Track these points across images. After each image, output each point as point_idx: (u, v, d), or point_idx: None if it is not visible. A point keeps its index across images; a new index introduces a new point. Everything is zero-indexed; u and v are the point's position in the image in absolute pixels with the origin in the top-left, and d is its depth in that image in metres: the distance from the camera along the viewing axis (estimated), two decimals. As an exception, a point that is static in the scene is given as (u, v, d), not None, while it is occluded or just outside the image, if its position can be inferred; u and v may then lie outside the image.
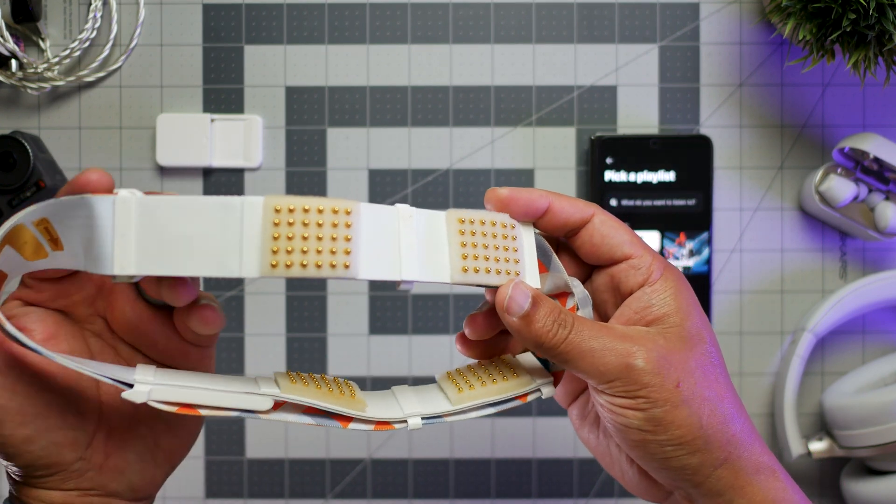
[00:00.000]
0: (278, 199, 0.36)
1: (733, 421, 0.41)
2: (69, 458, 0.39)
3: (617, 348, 0.39)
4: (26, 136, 0.62)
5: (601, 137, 0.63)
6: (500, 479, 0.65)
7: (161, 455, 0.42)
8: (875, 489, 0.59)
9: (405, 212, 0.39)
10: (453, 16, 0.65)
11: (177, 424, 0.42)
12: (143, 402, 0.37)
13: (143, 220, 0.36)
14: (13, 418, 0.37)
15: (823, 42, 0.56)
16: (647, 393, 0.39)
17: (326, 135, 0.65)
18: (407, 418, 0.41)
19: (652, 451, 0.40)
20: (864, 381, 0.62)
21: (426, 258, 0.39)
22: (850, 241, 0.65)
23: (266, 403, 0.38)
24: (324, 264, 0.36)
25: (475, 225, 0.41)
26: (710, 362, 0.41)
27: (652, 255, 0.42)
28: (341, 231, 0.36)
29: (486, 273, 0.41)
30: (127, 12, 0.64)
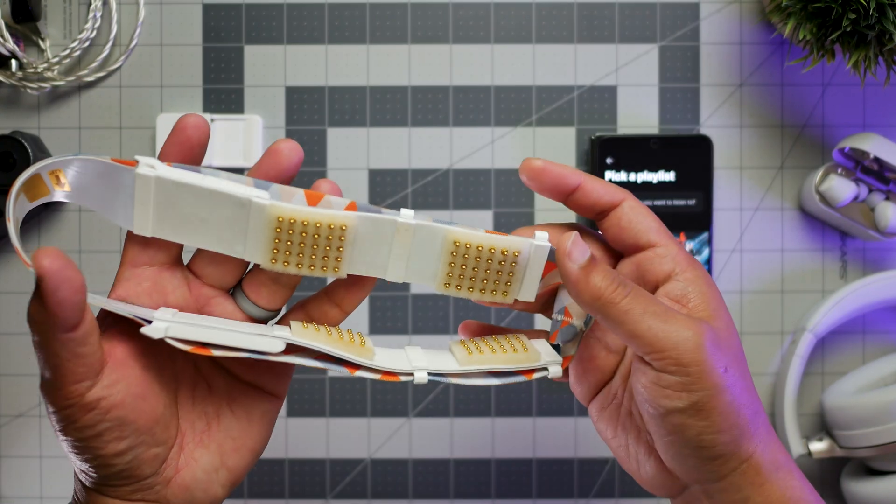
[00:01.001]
0: (281, 209, 0.39)
1: (759, 415, 0.40)
2: (146, 473, 0.40)
3: (676, 319, 0.39)
4: (26, 136, 0.62)
5: (601, 137, 0.63)
6: (500, 479, 0.65)
7: (224, 474, 0.43)
8: (875, 489, 0.59)
9: (403, 225, 0.41)
10: (453, 16, 0.65)
11: (243, 445, 0.43)
12: (160, 337, 0.38)
13: (160, 196, 0.39)
14: (114, 433, 0.38)
15: (823, 42, 0.56)
16: (698, 372, 0.38)
17: (326, 135, 0.65)
18: (413, 371, 0.42)
19: (688, 437, 0.39)
20: (864, 381, 0.62)
21: (414, 266, 0.42)
22: (850, 241, 0.65)
23: (277, 346, 0.39)
24: (316, 267, 0.41)
25: (470, 249, 0.41)
26: (742, 353, 0.41)
27: (678, 247, 0.42)
28: (335, 243, 0.40)
29: (469, 291, 0.43)
30: (127, 12, 0.64)
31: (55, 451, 0.65)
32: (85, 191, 0.40)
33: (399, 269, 0.42)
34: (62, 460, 0.65)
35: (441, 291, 0.43)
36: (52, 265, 0.35)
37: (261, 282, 0.43)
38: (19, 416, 0.65)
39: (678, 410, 0.39)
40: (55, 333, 0.36)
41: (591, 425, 0.65)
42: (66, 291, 0.35)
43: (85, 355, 0.37)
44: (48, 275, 0.35)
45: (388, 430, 0.65)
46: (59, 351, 0.36)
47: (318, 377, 0.65)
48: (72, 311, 0.36)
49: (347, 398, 0.65)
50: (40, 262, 0.34)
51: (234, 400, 0.43)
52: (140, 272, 0.41)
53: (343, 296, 0.44)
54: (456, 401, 0.65)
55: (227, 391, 0.43)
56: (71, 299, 0.36)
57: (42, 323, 0.36)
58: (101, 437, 0.38)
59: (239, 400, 0.43)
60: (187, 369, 0.43)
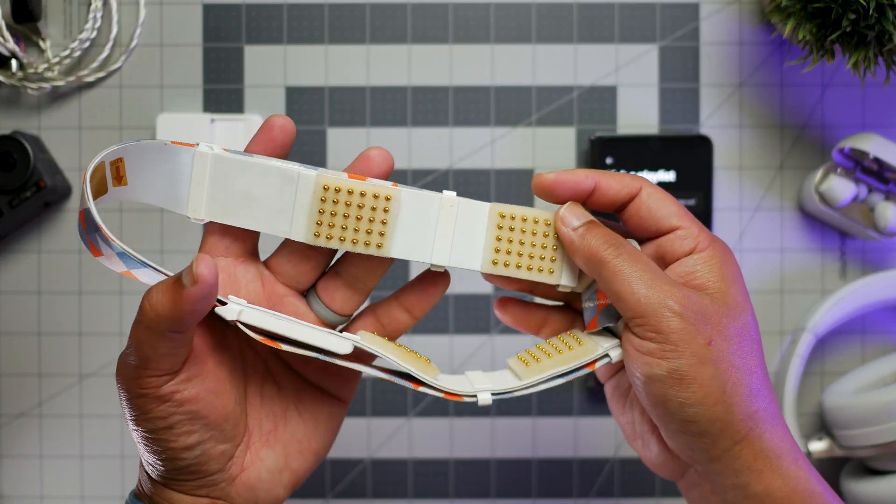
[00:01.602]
0: (328, 178, 0.40)
1: (759, 397, 0.40)
2: (213, 469, 0.40)
3: (662, 286, 0.39)
4: (26, 136, 0.62)
5: (601, 137, 0.63)
6: (500, 479, 0.65)
7: (287, 476, 0.43)
8: (875, 489, 0.59)
9: (448, 201, 0.41)
10: (453, 16, 0.65)
11: (307, 448, 0.44)
12: (233, 319, 0.38)
13: (216, 174, 0.41)
14: (185, 427, 0.39)
15: (823, 42, 0.56)
16: (676, 340, 0.39)
17: (326, 135, 0.65)
18: (477, 393, 0.42)
19: (672, 409, 0.39)
20: (864, 381, 0.62)
21: (460, 246, 0.42)
22: (850, 241, 0.65)
23: (346, 347, 0.40)
24: (359, 241, 0.41)
25: (516, 221, 0.42)
26: (749, 335, 0.41)
27: (699, 227, 0.42)
28: (379, 215, 0.41)
29: (517, 268, 0.42)
30: (127, 12, 0.64)
31: (55, 451, 0.65)
32: (142, 183, 0.41)
33: (444, 250, 0.42)
34: (62, 460, 0.65)
35: (488, 271, 0.42)
36: (209, 275, 0.36)
37: (335, 286, 0.43)
38: (19, 415, 0.65)
39: (658, 379, 0.39)
40: (167, 329, 0.37)
41: (592, 425, 0.65)
42: (206, 303, 0.37)
43: (178, 354, 0.38)
44: (201, 282, 0.36)
45: (388, 429, 0.65)
46: (159, 344, 0.37)
47: (318, 377, 0.65)
48: (197, 319, 0.37)
49: (347, 398, 0.65)
50: (199, 269, 0.36)
51: (302, 402, 0.44)
52: (216, 262, 0.41)
53: (414, 301, 0.44)
54: (456, 401, 0.65)
55: (295, 392, 0.44)
56: (204, 311, 0.37)
57: (163, 317, 0.36)
58: (171, 430, 0.38)
59: (306, 402, 0.44)
60: (258, 368, 0.43)
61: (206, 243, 0.42)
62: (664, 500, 0.65)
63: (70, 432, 0.65)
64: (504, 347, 0.65)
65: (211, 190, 0.41)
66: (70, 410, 0.64)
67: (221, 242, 0.42)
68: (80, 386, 0.65)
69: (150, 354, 0.37)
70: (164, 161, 0.41)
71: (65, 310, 0.64)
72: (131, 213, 0.64)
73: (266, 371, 0.44)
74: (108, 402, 0.64)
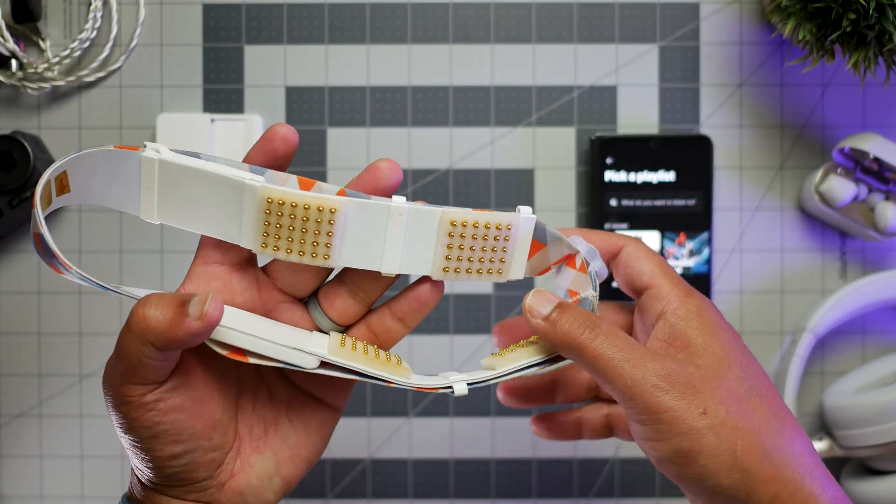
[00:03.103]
0: (271, 191, 0.39)
1: (778, 455, 0.38)
2: (201, 476, 0.40)
3: (645, 363, 0.38)
4: (26, 136, 0.62)
5: (601, 137, 0.63)
6: (500, 479, 0.65)
7: (278, 482, 0.43)
8: (875, 489, 0.59)
9: (396, 210, 0.41)
10: (453, 16, 0.65)
11: (298, 454, 0.43)
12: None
13: (164, 179, 0.40)
14: (171, 436, 0.38)
15: (823, 42, 0.56)
16: (670, 419, 0.38)
17: (326, 135, 0.65)
18: (452, 384, 0.42)
19: (691, 485, 0.38)
20: (864, 381, 0.62)
21: (411, 253, 0.41)
22: (850, 241, 0.65)
23: (311, 363, 0.40)
24: (305, 253, 0.40)
25: (467, 228, 0.41)
26: (745, 389, 0.39)
27: (673, 284, 0.42)
28: (324, 227, 0.40)
29: (468, 273, 0.42)
30: (127, 12, 0.64)
31: (55, 451, 0.65)
32: (89, 188, 0.40)
33: (394, 258, 0.41)
34: (62, 460, 0.65)
35: (439, 277, 0.42)
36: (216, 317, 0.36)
37: (337, 293, 0.43)
38: (19, 415, 0.65)
39: (667, 459, 0.38)
40: (155, 346, 0.36)
41: (591, 425, 0.65)
42: (201, 339, 0.36)
43: (163, 367, 0.37)
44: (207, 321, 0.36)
45: (387, 429, 0.65)
46: (147, 357, 0.36)
47: (318, 377, 0.65)
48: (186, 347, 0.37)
49: (347, 398, 0.65)
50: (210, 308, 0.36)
51: (293, 409, 0.43)
52: (211, 270, 0.41)
53: (406, 311, 0.43)
54: (456, 401, 0.65)
55: (287, 399, 0.44)
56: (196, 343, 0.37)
57: (156, 334, 0.36)
58: (157, 439, 0.38)
59: (298, 409, 0.44)
60: (250, 375, 0.43)
61: (200, 252, 0.42)
62: (664, 500, 0.65)
63: (70, 432, 0.64)
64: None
65: (161, 195, 0.40)
66: (70, 410, 0.64)
67: (217, 252, 0.41)
68: (80, 386, 0.65)
69: (135, 363, 0.37)
70: (111, 166, 0.40)
71: (65, 310, 0.64)
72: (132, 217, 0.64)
73: (259, 378, 0.44)
74: (108, 402, 0.65)
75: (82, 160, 0.39)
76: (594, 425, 0.47)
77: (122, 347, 0.37)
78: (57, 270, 0.39)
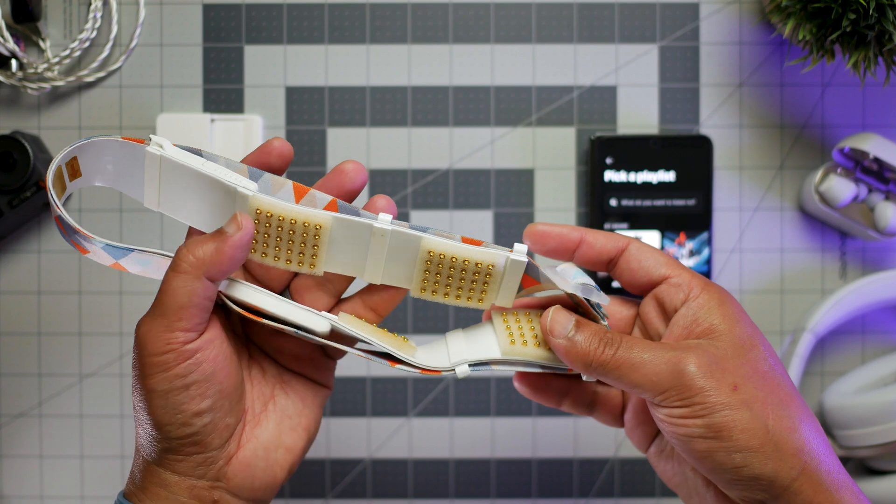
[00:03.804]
0: (261, 202, 0.41)
1: (804, 428, 0.39)
2: (215, 443, 0.41)
3: (667, 356, 0.39)
4: (26, 136, 0.62)
5: (601, 137, 0.63)
6: (500, 479, 0.65)
7: (283, 454, 0.44)
8: (875, 489, 0.59)
9: (379, 231, 0.42)
10: (453, 16, 0.65)
11: (298, 424, 0.45)
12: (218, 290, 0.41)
13: (165, 173, 0.42)
14: (201, 388, 0.40)
15: (823, 42, 0.56)
16: (703, 398, 0.38)
17: (326, 135, 0.65)
18: (454, 367, 0.43)
19: (720, 460, 0.39)
20: (864, 381, 0.62)
21: (392, 269, 0.43)
22: (850, 241, 0.65)
23: (324, 326, 0.41)
24: (293, 262, 0.42)
25: (444, 259, 0.42)
26: (769, 368, 0.40)
27: (691, 274, 0.43)
28: (310, 240, 0.41)
29: (445, 297, 0.43)
30: (127, 12, 0.64)
31: (55, 451, 0.65)
32: (100, 171, 0.42)
33: (376, 271, 0.43)
34: (62, 460, 0.65)
35: (417, 296, 0.43)
36: (250, 225, 0.40)
37: (306, 285, 0.44)
38: (19, 415, 0.65)
39: (699, 436, 0.39)
40: (209, 276, 0.39)
41: (591, 425, 0.65)
42: (244, 252, 0.40)
43: (206, 308, 0.40)
44: (245, 229, 0.39)
45: (387, 429, 0.65)
46: (194, 294, 0.39)
47: (318, 377, 0.65)
48: (234, 268, 0.40)
49: (348, 398, 0.65)
50: (242, 219, 0.39)
51: (286, 383, 0.45)
52: None
53: (378, 301, 0.45)
54: (456, 401, 0.65)
55: (279, 376, 0.45)
56: (241, 260, 0.40)
57: (208, 263, 0.39)
58: (187, 391, 0.39)
59: (290, 384, 0.46)
60: (243, 355, 0.45)
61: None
62: (664, 500, 0.65)
63: (70, 432, 0.65)
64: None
65: (162, 187, 0.42)
66: (70, 410, 0.64)
67: None
68: (80, 386, 0.65)
69: (181, 304, 0.39)
70: (118, 154, 0.42)
71: (65, 310, 0.64)
72: (131, 212, 0.64)
73: (251, 357, 0.45)
74: (108, 402, 0.64)
75: (91, 146, 0.41)
76: (578, 399, 0.47)
77: (171, 290, 0.39)
78: (83, 250, 0.41)
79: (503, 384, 0.65)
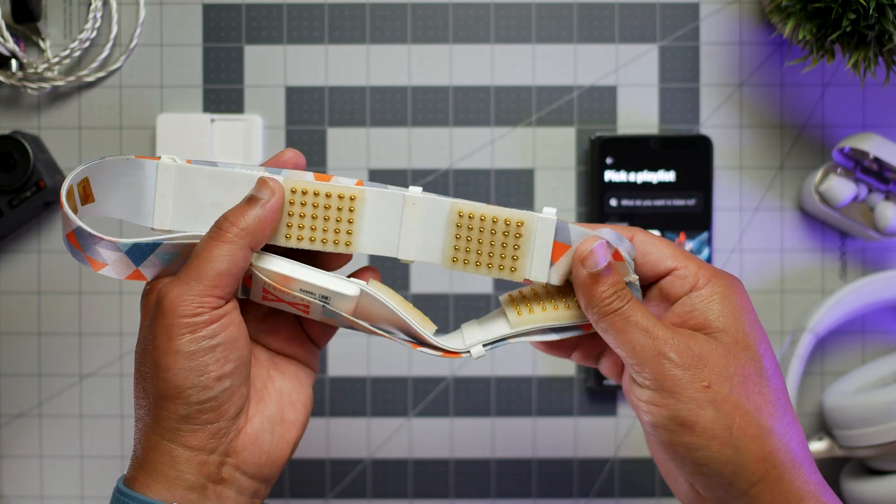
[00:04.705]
0: (295, 181, 0.42)
1: (773, 437, 0.39)
2: (231, 411, 0.41)
3: (658, 333, 0.40)
4: (26, 136, 0.62)
5: (601, 137, 0.63)
6: (500, 479, 0.65)
7: (287, 427, 0.45)
8: (875, 489, 0.59)
9: (411, 199, 0.43)
10: (453, 16, 0.65)
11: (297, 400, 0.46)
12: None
13: (181, 185, 0.42)
14: (225, 351, 0.40)
15: (823, 42, 0.56)
16: (672, 386, 0.39)
17: (326, 135, 0.65)
18: (469, 348, 0.44)
19: (681, 454, 0.39)
20: (864, 381, 0.62)
21: (425, 242, 0.43)
22: (850, 241, 0.65)
23: (353, 289, 0.42)
24: (328, 241, 0.42)
25: (474, 220, 0.42)
26: (755, 372, 0.40)
27: (698, 265, 0.42)
28: (345, 214, 0.42)
29: (477, 266, 0.43)
30: (127, 12, 0.64)
31: (55, 451, 0.65)
32: (110, 198, 0.43)
33: (410, 246, 0.43)
34: (62, 460, 0.65)
35: (449, 268, 0.43)
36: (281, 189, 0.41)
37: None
38: (19, 415, 0.65)
39: (661, 426, 0.39)
40: (247, 244, 0.40)
41: (591, 425, 0.65)
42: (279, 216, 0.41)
43: (239, 275, 0.41)
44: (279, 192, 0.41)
45: (387, 429, 0.65)
46: (235, 263, 0.40)
47: (318, 377, 0.65)
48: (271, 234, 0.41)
49: (348, 398, 0.65)
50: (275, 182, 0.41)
51: (278, 365, 0.46)
52: None
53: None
54: (456, 400, 0.65)
55: (270, 358, 0.47)
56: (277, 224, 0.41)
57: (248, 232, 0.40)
58: (213, 352, 0.40)
59: (282, 365, 0.47)
60: None
61: None
62: (664, 500, 0.65)
63: (70, 432, 0.65)
64: (504, 347, 0.65)
65: (176, 201, 0.43)
66: (70, 410, 0.64)
67: None
68: (80, 386, 0.65)
69: (221, 269, 0.40)
70: (128, 175, 0.42)
71: (65, 310, 0.64)
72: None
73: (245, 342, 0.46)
74: (108, 402, 0.64)
75: (104, 167, 0.41)
76: (588, 352, 0.47)
77: (212, 258, 0.40)
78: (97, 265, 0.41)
79: (503, 384, 0.65)
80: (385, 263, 0.64)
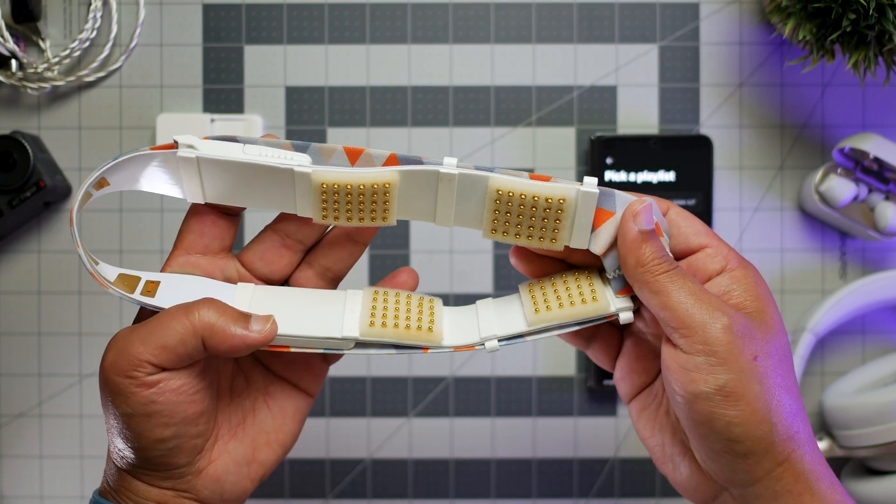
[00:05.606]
0: (325, 177, 0.40)
1: (798, 418, 0.39)
2: (181, 462, 0.41)
3: (710, 300, 0.39)
4: (26, 136, 0.62)
5: (601, 137, 0.63)
6: (500, 479, 0.65)
7: (255, 468, 0.44)
8: (875, 489, 0.59)
9: (446, 176, 0.41)
10: (453, 16, 0.65)
11: (275, 440, 0.45)
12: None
13: (206, 172, 0.41)
14: (163, 418, 0.39)
15: (823, 42, 0.56)
16: (725, 354, 0.38)
17: (326, 135, 0.65)
18: (484, 342, 0.43)
19: (718, 428, 0.38)
20: (864, 381, 0.62)
21: (463, 210, 0.42)
22: (850, 241, 0.65)
23: (348, 346, 0.42)
24: (365, 219, 0.42)
25: (514, 197, 0.41)
26: (786, 355, 0.40)
27: (728, 247, 0.42)
28: (380, 198, 0.41)
29: (516, 237, 0.42)
30: (127, 12, 0.64)
31: (55, 450, 0.65)
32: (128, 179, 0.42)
33: (447, 214, 0.43)
34: (62, 460, 0.65)
35: (488, 238, 0.43)
36: (273, 335, 0.40)
37: (306, 277, 0.45)
38: (19, 415, 0.65)
39: (704, 397, 0.38)
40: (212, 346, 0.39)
41: (591, 425, 0.65)
42: (254, 349, 0.40)
43: (183, 357, 0.39)
44: (267, 339, 0.40)
45: (387, 429, 0.65)
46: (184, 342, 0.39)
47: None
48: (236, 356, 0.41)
49: (347, 398, 0.65)
50: (273, 328, 0.40)
51: (270, 394, 0.45)
52: (194, 260, 0.43)
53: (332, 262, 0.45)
54: (456, 400, 0.65)
55: (264, 385, 0.45)
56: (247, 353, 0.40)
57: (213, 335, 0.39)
58: (150, 419, 0.39)
59: (274, 395, 0.45)
60: (228, 364, 0.45)
61: (182, 240, 0.43)
62: (664, 500, 0.65)
63: (70, 432, 0.65)
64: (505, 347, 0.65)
65: (206, 182, 0.42)
66: (70, 410, 0.64)
67: (200, 241, 0.43)
68: (80, 386, 0.65)
69: (168, 344, 0.39)
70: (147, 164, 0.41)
71: (65, 310, 0.64)
72: (131, 212, 0.64)
73: (236, 367, 0.45)
74: (108, 402, 0.65)
75: (120, 166, 0.41)
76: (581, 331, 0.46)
77: (164, 326, 0.39)
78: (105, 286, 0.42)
79: (503, 384, 0.65)
80: (385, 263, 0.64)
